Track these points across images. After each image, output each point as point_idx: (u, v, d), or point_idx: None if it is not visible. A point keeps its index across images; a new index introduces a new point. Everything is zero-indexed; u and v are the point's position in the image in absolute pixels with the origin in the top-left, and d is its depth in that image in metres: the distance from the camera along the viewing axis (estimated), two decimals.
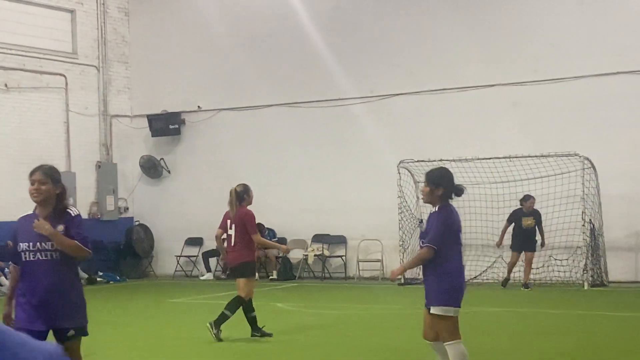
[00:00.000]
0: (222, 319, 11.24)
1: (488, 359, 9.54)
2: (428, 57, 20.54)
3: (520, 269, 18.05)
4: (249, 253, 11.41)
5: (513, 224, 17.83)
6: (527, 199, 17.73)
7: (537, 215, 17.69)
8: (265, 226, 22.14)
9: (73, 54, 22.86)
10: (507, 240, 18.02)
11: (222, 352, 10.54)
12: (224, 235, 11.70)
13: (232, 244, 11.44)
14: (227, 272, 12.03)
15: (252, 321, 11.45)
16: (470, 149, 19.07)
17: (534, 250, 17.69)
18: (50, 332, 6.34)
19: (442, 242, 7.21)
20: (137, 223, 23.78)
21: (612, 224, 18.22)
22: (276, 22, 22.37)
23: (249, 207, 11.78)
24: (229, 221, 11.57)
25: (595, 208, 17.92)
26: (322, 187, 21.65)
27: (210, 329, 11.17)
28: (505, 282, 17.96)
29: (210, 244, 22.82)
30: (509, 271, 18.02)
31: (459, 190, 7.47)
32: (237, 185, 11.91)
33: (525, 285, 17.48)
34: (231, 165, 22.93)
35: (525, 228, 17.59)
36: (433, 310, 7.25)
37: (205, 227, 22.96)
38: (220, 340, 11.09)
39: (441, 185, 7.41)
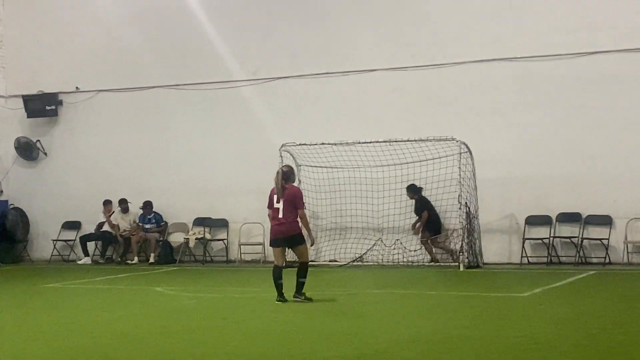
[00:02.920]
0: (300, 287, 12.78)
1: (360, 340, 9.66)
2: (311, 40, 20.62)
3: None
4: (298, 225, 12.78)
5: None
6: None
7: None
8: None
9: None
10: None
11: (98, 335, 10.35)
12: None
13: (281, 217, 12.67)
14: (276, 243, 12.81)
15: (280, 288, 12.74)
16: (352, 132, 19.27)
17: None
18: None
19: None
20: (11, 206, 23.12)
21: (487, 207, 18.73)
22: (160, 1, 22.04)
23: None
24: (275, 197, 12.75)
25: (471, 191, 18.38)
26: (204, 170, 21.52)
27: (299, 299, 12.67)
28: None
29: (88, 228, 22.40)
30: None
31: None
32: (284, 166, 13.33)
33: None
34: (111, 147, 22.54)
35: None
36: None
37: (84, 210, 22.55)
38: (310, 299, 12.72)
39: None
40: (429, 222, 18.94)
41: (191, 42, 21.63)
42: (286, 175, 12.84)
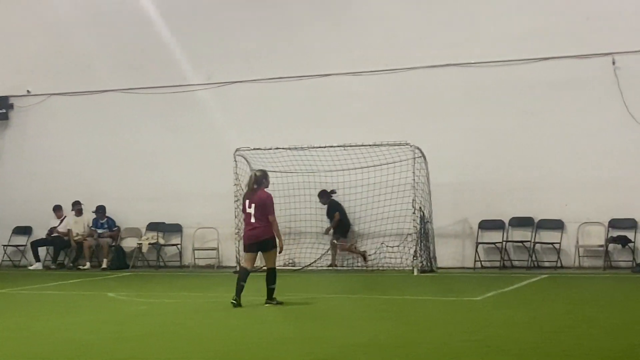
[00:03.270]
0: (271, 292, 12.84)
1: (314, 344, 9.65)
2: (265, 45, 20.60)
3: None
4: (270, 230, 12.77)
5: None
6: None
7: None
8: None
9: None
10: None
11: (49, 342, 10.22)
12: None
13: (253, 221, 12.76)
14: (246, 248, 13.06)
15: (240, 289, 12.76)
16: (306, 137, 19.27)
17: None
18: None
19: None
20: None
21: (441, 211, 18.83)
22: (114, 4, 21.86)
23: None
24: (247, 201, 12.87)
25: (425, 196, 18.47)
26: (157, 175, 21.37)
27: (271, 304, 12.72)
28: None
29: (39, 233, 22.11)
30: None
31: None
32: (257, 171, 13.35)
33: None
34: (63, 151, 22.28)
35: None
36: None
37: (35, 215, 22.25)
38: (281, 303, 12.76)
39: None
40: (338, 224, 19.19)
41: (145, 45, 21.46)
42: (259, 180, 12.93)
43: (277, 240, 12.93)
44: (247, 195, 12.99)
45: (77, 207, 21.54)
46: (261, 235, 12.76)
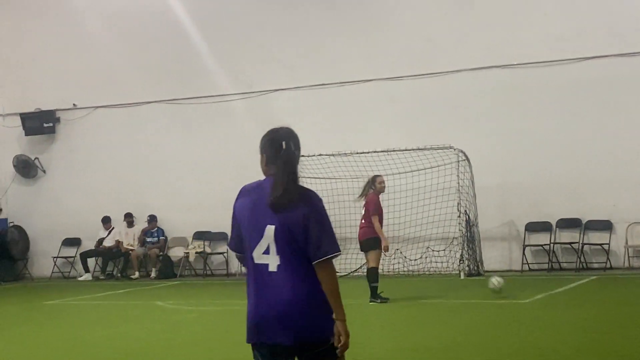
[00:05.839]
0: (374, 290, 13.71)
1: (361, 349, 9.65)
2: (306, 52, 20.67)
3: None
4: (372, 230, 13.58)
5: None
6: None
7: None
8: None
9: None
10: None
11: (100, 351, 10.35)
12: None
13: (363, 222, 13.74)
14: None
15: (374, 290, 13.68)
16: (349, 143, 19.28)
17: None
18: None
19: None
20: (11, 224, 23.11)
21: (486, 214, 18.72)
22: (151, 16, 22.09)
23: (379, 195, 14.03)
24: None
25: (470, 199, 18.38)
26: (202, 183, 21.51)
27: (375, 302, 13.54)
28: None
29: (88, 244, 22.37)
30: None
31: None
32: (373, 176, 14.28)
33: None
34: (110, 163, 22.54)
35: None
36: None
37: (83, 226, 22.53)
38: (387, 299, 13.67)
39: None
40: None
41: (187, 57, 21.63)
42: (369, 183, 14.02)
43: (382, 239, 13.61)
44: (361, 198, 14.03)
45: (129, 219, 21.81)
46: (364, 235, 13.71)
